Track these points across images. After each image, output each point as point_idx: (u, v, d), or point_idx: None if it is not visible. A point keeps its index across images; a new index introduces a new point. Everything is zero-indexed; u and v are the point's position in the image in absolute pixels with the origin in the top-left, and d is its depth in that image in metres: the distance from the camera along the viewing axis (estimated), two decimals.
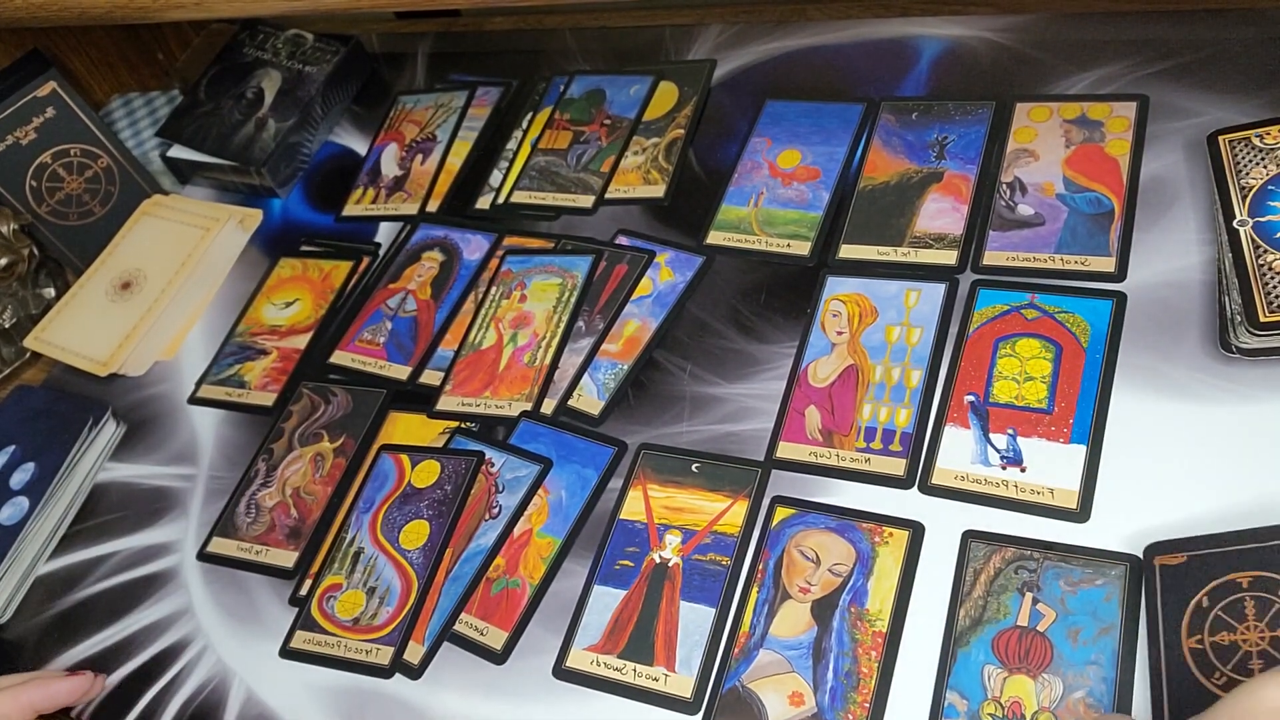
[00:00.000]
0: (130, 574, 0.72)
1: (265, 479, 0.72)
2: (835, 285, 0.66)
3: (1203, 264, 0.59)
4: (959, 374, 0.59)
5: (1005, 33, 0.74)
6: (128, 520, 0.75)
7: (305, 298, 0.83)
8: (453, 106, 0.91)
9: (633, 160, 0.79)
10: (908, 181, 0.69)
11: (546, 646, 0.58)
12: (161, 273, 0.88)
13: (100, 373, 0.83)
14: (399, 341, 0.76)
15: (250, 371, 0.80)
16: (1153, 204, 0.62)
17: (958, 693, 0.49)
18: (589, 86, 0.86)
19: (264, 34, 0.98)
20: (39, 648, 0.70)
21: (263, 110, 0.93)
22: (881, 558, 0.55)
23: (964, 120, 0.71)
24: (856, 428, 0.60)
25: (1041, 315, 0.60)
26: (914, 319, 0.63)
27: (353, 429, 0.72)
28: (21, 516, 0.74)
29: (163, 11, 0.71)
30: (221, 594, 0.68)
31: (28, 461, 0.77)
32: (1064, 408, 0.56)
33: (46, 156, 0.91)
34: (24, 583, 0.74)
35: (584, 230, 0.77)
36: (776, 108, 0.77)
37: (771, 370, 0.64)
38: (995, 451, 0.56)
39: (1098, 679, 0.48)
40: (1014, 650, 0.50)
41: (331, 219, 0.89)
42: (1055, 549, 0.52)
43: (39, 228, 0.91)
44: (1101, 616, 0.49)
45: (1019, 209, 0.65)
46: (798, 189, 0.72)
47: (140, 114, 1.04)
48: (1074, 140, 0.67)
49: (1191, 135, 0.64)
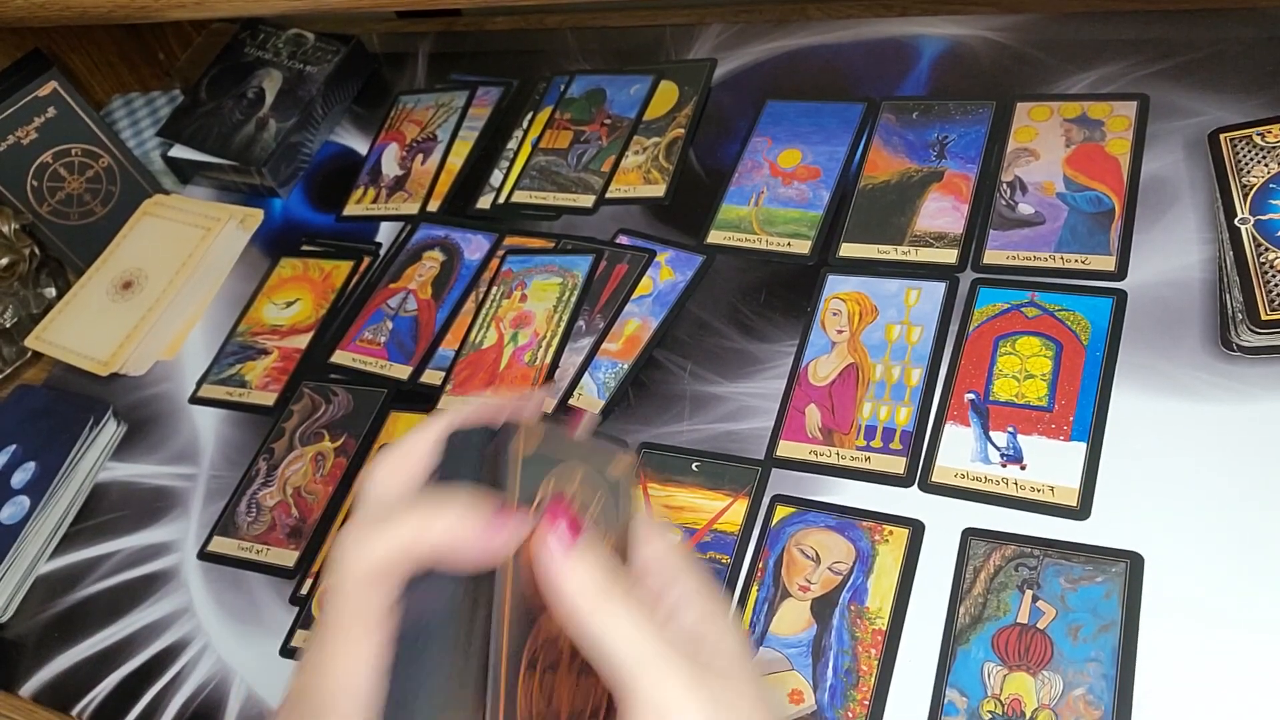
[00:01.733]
0: (131, 573, 0.72)
1: (266, 478, 0.72)
2: (835, 284, 0.66)
3: (1203, 262, 0.59)
4: (959, 372, 0.59)
5: (1005, 32, 0.74)
6: (128, 519, 0.75)
7: (306, 297, 0.83)
8: (453, 106, 0.91)
9: (633, 160, 0.79)
10: (908, 180, 0.69)
11: None
12: (162, 272, 0.88)
13: (101, 372, 0.83)
14: (400, 341, 0.76)
15: (251, 371, 0.80)
16: (1153, 203, 0.62)
17: (958, 690, 0.49)
18: (589, 86, 0.86)
19: (265, 34, 0.98)
20: (39, 647, 0.70)
21: (263, 110, 0.93)
22: (881, 556, 0.55)
23: (964, 120, 0.71)
24: (857, 426, 0.60)
25: (1042, 313, 0.60)
26: (914, 317, 0.63)
27: (354, 428, 0.72)
28: (22, 516, 0.74)
29: (164, 11, 0.71)
30: (222, 593, 0.68)
31: (29, 461, 0.77)
32: (1064, 406, 0.56)
33: (48, 156, 0.91)
34: (25, 582, 0.74)
35: (584, 230, 0.77)
36: (777, 107, 0.77)
37: (772, 369, 0.64)
38: (995, 449, 0.56)
39: (1097, 676, 0.48)
40: (1014, 648, 0.50)
41: (332, 219, 0.89)
42: (1055, 546, 0.52)
43: (40, 227, 0.91)
44: (1101, 614, 0.49)
45: (1019, 208, 0.65)
46: (798, 188, 0.72)
47: (141, 114, 1.05)
48: (1074, 139, 0.67)
49: (1191, 134, 0.64)
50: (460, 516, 0.35)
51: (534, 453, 0.40)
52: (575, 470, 0.42)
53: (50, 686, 0.68)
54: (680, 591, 0.40)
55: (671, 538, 0.43)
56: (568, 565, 0.36)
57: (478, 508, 0.35)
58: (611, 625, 0.36)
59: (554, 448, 0.41)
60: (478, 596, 0.35)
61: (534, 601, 0.37)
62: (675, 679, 0.35)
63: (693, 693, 0.35)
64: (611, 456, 0.44)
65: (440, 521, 0.35)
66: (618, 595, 0.36)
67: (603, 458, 0.44)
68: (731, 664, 0.38)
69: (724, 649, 0.38)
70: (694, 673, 0.35)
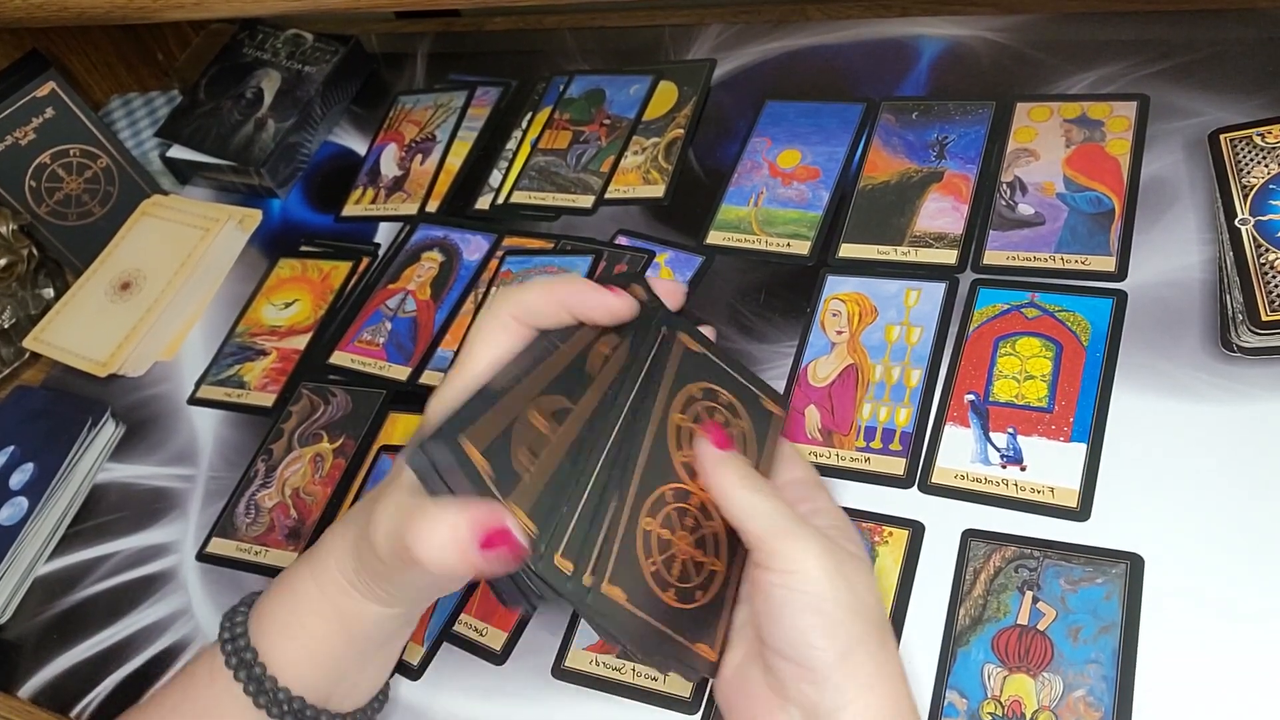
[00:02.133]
0: (129, 574, 0.72)
1: (265, 479, 0.72)
2: (835, 284, 0.66)
3: (1203, 263, 0.59)
4: (959, 373, 0.59)
5: (1005, 33, 0.74)
6: (127, 521, 0.75)
7: (305, 298, 0.83)
8: (452, 106, 0.91)
9: (632, 160, 0.79)
10: (908, 181, 0.69)
11: (546, 646, 0.58)
12: (161, 273, 0.88)
13: (99, 373, 0.83)
14: (399, 342, 0.76)
15: (250, 372, 0.80)
16: (1153, 203, 0.62)
17: (957, 691, 0.49)
18: (589, 86, 0.86)
19: (263, 34, 0.98)
20: (38, 648, 0.70)
21: (262, 110, 0.93)
22: (881, 557, 0.55)
23: (964, 120, 0.71)
24: (856, 427, 0.60)
25: (1042, 314, 0.60)
26: (914, 318, 0.63)
27: (352, 429, 0.72)
28: (21, 517, 0.74)
29: (162, 11, 0.71)
30: (221, 595, 0.68)
31: (27, 462, 0.77)
32: (1064, 406, 0.56)
33: (46, 157, 0.91)
34: (23, 583, 0.74)
35: (584, 230, 0.77)
36: (776, 107, 0.77)
37: (771, 370, 0.64)
38: (995, 450, 0.56)
39: (1098, 678, 0.48)
40: (1014, 649, 0.50)
41: (331, 219, 0.89)
42: (1055, 548, 0.52)
43: (38, 228, 0.91)
44: (1102, 615, 0.49)
45: (1019, 208, 0.65)
46: (798, 188, 0.72)
47: (139, 114, 1.04)
48: (1074, 140, 0.67)
49: (1191, 135, 0.64)
50: (584, 284, 0.48)
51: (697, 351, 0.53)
52: (728, 393, 0.53)
53: (49, 688, 0.68)
54: (812, 506, 0.50)
55: (809, 466, 0.54)
56: (720, 462, 0.47)
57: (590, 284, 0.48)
58: (756, 500, 0.45)
59: (714, 359, 0.54)
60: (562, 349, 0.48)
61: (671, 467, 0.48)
62: (809, 544, 0.44)
63: (822, 558, 0.43)
64: (762, 394, 0.54)
65: (569, 284, 0.48)
66: (761, 483, 0.46)
67: (754, 393, 0.54)
68: (856, 550, 0.47)
69: (853, 547, 0.47)
70: (825, 544, 0.44)
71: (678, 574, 0.46)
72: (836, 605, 0.43)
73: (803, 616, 0.43)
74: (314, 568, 0.50)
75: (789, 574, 0.43)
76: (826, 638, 0.42)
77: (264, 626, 0.50)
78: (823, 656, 0.42)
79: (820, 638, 0.42)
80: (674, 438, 0.49)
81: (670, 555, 0.46)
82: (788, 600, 0.43)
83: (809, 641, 0.42)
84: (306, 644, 0.49)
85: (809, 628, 0.42)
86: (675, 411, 0.49)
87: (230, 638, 0.50)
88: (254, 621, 0.50)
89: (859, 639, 0.43)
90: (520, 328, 0.47)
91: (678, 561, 0.46)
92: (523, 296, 0.48)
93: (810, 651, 0.42)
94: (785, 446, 0.55)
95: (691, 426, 0.49)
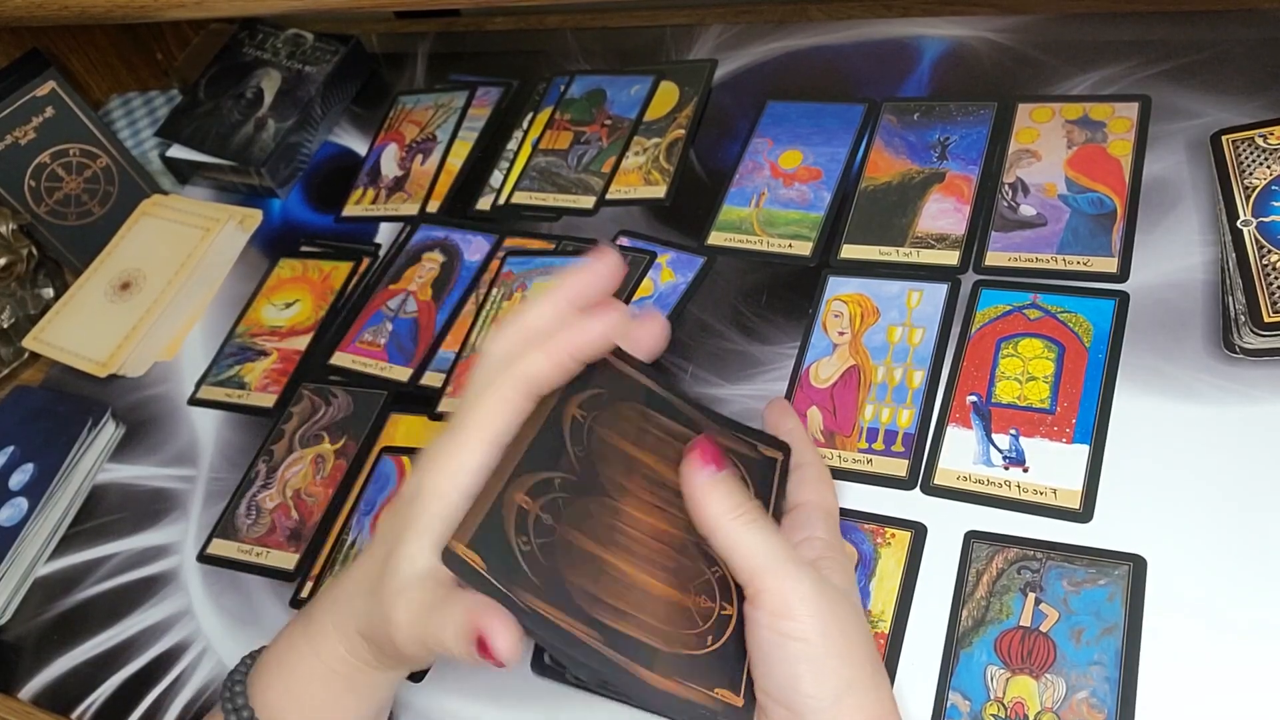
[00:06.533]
0: (130, 575, 0.72)
1: (266, 480, 0.72)
2: (837, 286, 0.66)
3: (1205, 264, 0.59)
4: (961, 374, 0.59)
5: (1007, 33, 0.74)
6: (127, 521, 0.75)
7: (305, 299, 0.83)
8: (453, 107, 0.91)
9: (634, 161, 0.79)
10: (909, 182, 0.69)
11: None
12: (161, 273, 0.87)
13: (99, 373, 0.83)
14: (400, 343, 0.76)
15: (250, 373, 0.79)
16: (1155, 204, 0.62)
17: (960, 693, 0.49)
18: (589, 86, 0.86)
19: (263, 34, 0.98)
20: (38, 649, 0.70)
21: (262, 110, 0.93)
22: (883, 559, 0.55)
23: (966, 121, 0.71)
24: (858, 428, 0.60)
25: (1044, 315, 0.60)
26: (916, 319, 0.63)
27: (354, 431, 0.72)
28: (21, 517, 0.74)
29: (163, 11, 0.71)
30: (222, 596, 0.68)
31: (27, 462, 0.77)
32: (1066, 408, 0.56)
33: (45, 156, 0.91)
34: (23, 584, 0.74)
35: (585, 231, 0.77)
36: (778, 108, 0.77)
37: (773, 371, 0.64)
38: (998, 452, 0.56)
39: (1101, 679, 0.48)
40: (1017, 651, 0.50)
41: (331, 219, 0.89)
42: (1058, 549, 0.52)
43: (38, 228, 0.91)
44: (1104, 617, 0.49)
45: (1021, 209, 0.65)
46: (799, 189, 0.72)
47: (139, 114, 1.04)
48: (1076, 141, 0.67)
49: (1193, 136, 0.64)
50: (582, 324, 0.46)
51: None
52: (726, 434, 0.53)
53: (49, 689, 0.68)
54: (805, 535, 0.49)
55: (822, 488, 0.53)
56: (709, 485, 0.44)
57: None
58: (746, 533, 0.43)
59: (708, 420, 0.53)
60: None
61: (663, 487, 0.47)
62: (799, 585, 0.42)
63: (811, 602, 0.42)
64: (759, 442, 0.54)
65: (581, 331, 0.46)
66: (751, 512, 0.44)
67: (750, 443, 0.53)
68: (847, 589, 0.47)
69: (840, 579, 0.46)
70: (816, 585, 0.43)
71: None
72: (827, 652, 0.42)
73: (793, 664, 0.42)
74: (315, 646, 0.48)
75: (778, 618, 0.42)
76: (817, 684, 0.42)
77: (268, 699, 0.49)
78: (813, 704, 0.41)
79: (811, 685, 0.42)
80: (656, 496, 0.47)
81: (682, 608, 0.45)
82: (777, 644, 0.42)
83: (799, 689, 0.42)
84: (318, 711, 0.49)
85: (799, 675, 0.42)
86: (663, 466, 0.48)
87: (234, 708, 0.49)
88: (255, 694, 0.49)
89: (849, 684, 0.42)
90: (524, 401, 0.45)
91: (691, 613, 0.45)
92: (528, 370, 0.45)
93: (800, 698, 0.42)
94: (809, 468, 0.54)
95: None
